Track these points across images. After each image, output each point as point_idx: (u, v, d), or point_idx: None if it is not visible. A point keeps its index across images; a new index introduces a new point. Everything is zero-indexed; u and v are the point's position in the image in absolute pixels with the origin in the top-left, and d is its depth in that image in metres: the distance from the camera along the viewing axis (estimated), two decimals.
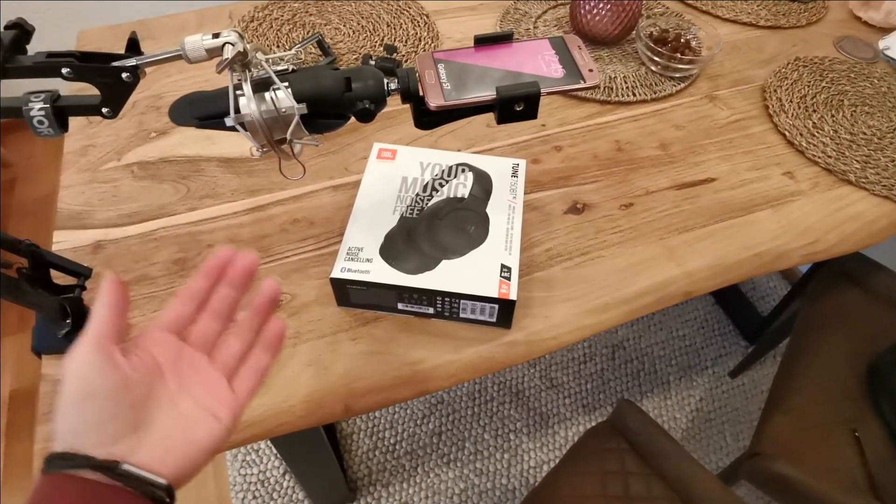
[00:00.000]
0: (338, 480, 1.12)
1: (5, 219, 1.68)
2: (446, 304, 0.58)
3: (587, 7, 0.88)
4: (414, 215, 0.61)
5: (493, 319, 0.58)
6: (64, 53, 0.39)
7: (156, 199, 0.70)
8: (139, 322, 0.59)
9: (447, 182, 0.64)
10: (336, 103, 0.43)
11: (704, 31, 0.91)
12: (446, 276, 0.57)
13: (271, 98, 0.42)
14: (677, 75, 0.87)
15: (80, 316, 0.52)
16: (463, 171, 0.66)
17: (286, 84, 0.42)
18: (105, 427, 0.31)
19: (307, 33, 0.93)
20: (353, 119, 0.45)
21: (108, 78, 0.40)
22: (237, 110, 0.42)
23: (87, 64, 0.40)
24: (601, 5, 0.87)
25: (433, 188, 0.64)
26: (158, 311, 0.60)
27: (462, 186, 0.64)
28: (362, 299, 0.59)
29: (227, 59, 0.39)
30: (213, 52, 0.40)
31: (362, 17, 0.96)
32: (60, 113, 0.40)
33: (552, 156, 0.76)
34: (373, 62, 0.85)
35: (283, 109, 0.42)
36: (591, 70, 0.43)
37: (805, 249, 0.69)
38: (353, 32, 0.93)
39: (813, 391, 0.93)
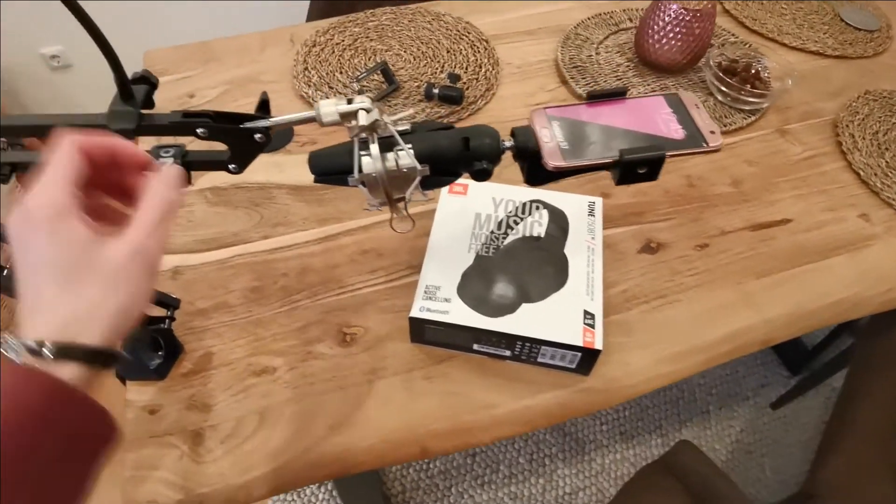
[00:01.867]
0: (376, 499, 1.13)
1: None
2: (525, 349, 0.57)
3: (654, 35, 0.87)
4: (490, 254, 0.61)
5: (573, 366, 0.58)
6: (198, 113, 0.40)
7: (230, 226, 0.71)
8: (220, 351, 0.59)
9: (522, 220, 0.64)
10: (453, 162, 0.44)
11: (774, 62, 0.89)
12: (527, 320, 0.56)
13: (395, 159, 0.43)
14: (747, 108, 0.86)
15: (172, 348, 0.53)
16: (537, 208, 0.65)
17: (409, 146, 0.42)
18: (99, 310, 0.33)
19: (368, 59, 0.93)
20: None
21: (241, 138, 0.41)
22: (360, 169, 0.42)
23: (223, 125, 0.41)
24: (670, 33, 0.86)
25: (508, 226, 0.64)
26: (238, 340, 0.60)
27: (537, 225, 0.64)
28: (438, 338, 0.59)
29: (362, 126, 0.40)
30: (347, 117, 0.40)
31: (422, 43, 0.96)
32: (187, 168, 0.41)
33: (623, 190, 0.76)
34: (436, 91, 0.86)
35: (405, 170, 0.43)
36: (712, 132, 0.43)
37: (882, 297, 0.68)
38: (414, 59, 0.93)
39: (869, 432, 0.90)
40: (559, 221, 0.64)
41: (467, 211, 0.65)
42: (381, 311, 0.64)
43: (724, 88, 0.85)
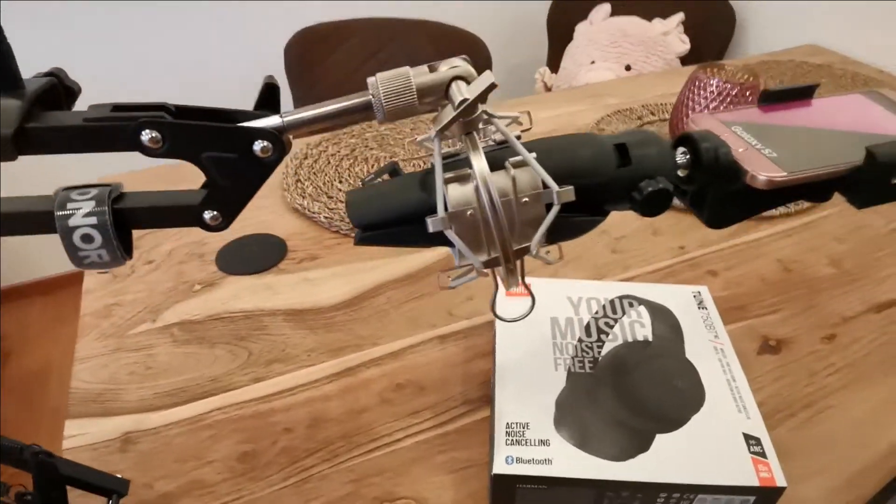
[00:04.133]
0: None
1: None
2: (671, 501, 0.38)
3: (695, 113, 0.78)
4: (587, 369, 0.43)
5: None
6: (144, 106, 0.24)
7: (206, 370, 0.51)
8: None
9: (616, 321, 0.47)
10: (603, 186, 0.27)
11: None
12: (669, 458, 0.37)
13: (511, 178, 0.25)
14: None
15: None
16: (630, 304, 0.49)
17: (533, 154, 0.25)
18: None
19: (371, 166, 0.81)
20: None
21: (228, 149, 0.23)
22: (446, 206, 0.25)
23: (196, 122, 0.23)
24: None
25: (600, 330, 0.47)
26: None
27: (639, 326, 0.47)
28: (538, 501, 0.39)
29: (466, 100, 0.23)
30: (428, 98, 0.24)
31: (429, 151, 0.85)
32: (123, 221, 0.23)
33: (709, 282, 0.61)
34: None
35: (526, 199, 0.25)
36: None
37: None
38: (424, 164, 0.82)
39: None
40: (666, 319, 0.47)
41: (538, 317, 0.48)
42: (437, 472, 0.43)
43: None
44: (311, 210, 0.71)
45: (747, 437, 0.39)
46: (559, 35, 1.55)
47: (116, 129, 0.22)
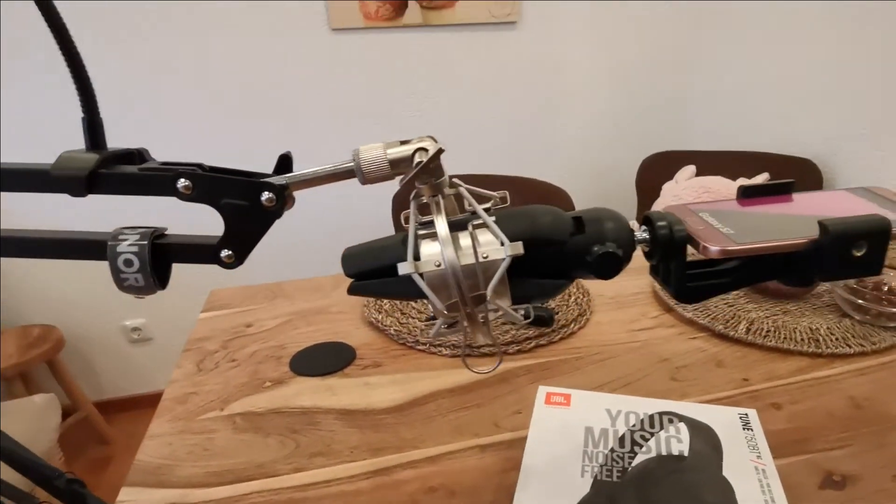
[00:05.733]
0: None
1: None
2: None
3: None
4: (614, 479, 0.42)
5: None
6: (185, 163, 0.30)
7: (256, 456, 0.55)
8: None
9: (652, 435, 0.46)
10: (558, 253, 0.31)
11: None
12: None
13: (471, 237, 0.30)
14: (892, 324, 0.71)
15: None
16: (671, 421, 0.48)
17: (493, 218, 0.30)
18: None
19: None
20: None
21: (241, 198, 0.30)
22: (417, 256, 0.29)
23: (216, 175, 0.30)
24: None
25: (634, 442, 0.45)
26: None
27: (676, 441, 0.45)
28: None
29: (420, 163, 0.28)
30: (399, 167, 0.30)
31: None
32: (161, 254, 0.29)
33: (772, 415, 0.57)
34: (523, 311, 0.76)
35: (486, 255, 0.29)
36: None
37: None
38: None
39: None
40: (706, 437, 0.46)
41: (572, 426, 0.48)
42: None
43: (861, 302, 0.71)
44: (383, 323, 0.76)
45: None
46: (648, 193, 1.61)
47: (160, 177, 0.30)
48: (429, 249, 0.30)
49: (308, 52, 1.62)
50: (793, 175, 1.40)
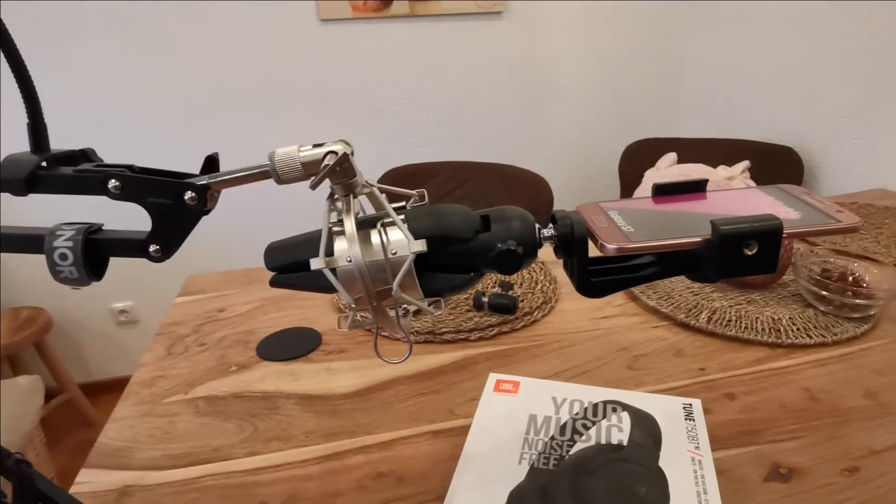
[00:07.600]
0: None
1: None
2: None
3: None
4: (550, 466, 0.43)
5: None
6: (118, 165, 0.31)
7: (213, 440, 0.56)
8: None
9: (594, 423, 0.47)
10: (465, 250, 0.31)
11: (876, 269, 0.77)
12: None
13: (380, 234, 0.31)
14: (856, 315, 0.71)
15: None
16: (614, 410, 0.48)
17: (401, 217, 0.31)
18: None
19: None
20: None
21: (166, 196, 0.31)
22: (330, 252, 0.30)
23: (143, 176, 0.31)
24: None
25: (574, 430, 0.46)
26: None
27: (617, 430, 0.46)
28: None
29: (326, 165, 0.29)
30: (312, 169, 0.30)
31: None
32: (93, 248, 0.30)
33: (725, 405, 0.57)
34: (486, 299, 0.76)
35: (395, 252, 0.30)
36: (839, 210, 0.30)
37: None
38: None
39: None
40: (647, 427, 0.46)
41: (518, 413, 0.49)
42: None
43: (825, 294, 0.71)
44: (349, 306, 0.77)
45: None
46: (630, 180, 1.61)
47: (93, 178, 0.30)
48: (342, 246, 0.30)
49: (297, 43, 1.61)
50: (775, 162, 1.39)
